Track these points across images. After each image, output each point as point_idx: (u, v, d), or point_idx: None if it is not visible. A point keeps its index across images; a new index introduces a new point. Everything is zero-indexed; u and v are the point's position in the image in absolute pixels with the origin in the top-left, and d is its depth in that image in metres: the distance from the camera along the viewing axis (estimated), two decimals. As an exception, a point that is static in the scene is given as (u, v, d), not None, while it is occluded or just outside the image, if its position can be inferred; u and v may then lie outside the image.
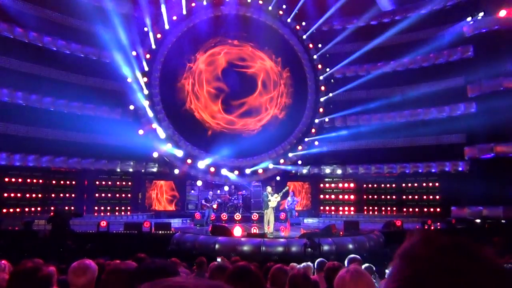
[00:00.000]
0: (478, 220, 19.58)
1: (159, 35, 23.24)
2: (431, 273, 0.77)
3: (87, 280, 2.91)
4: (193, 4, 24.03)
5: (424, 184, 23.88)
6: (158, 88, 23.03)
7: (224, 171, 23.13)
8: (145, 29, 23.05)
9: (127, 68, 22.45)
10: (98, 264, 4.26)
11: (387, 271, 6.64)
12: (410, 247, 0.84)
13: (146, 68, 22.87)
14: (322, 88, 25.20)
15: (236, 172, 23.34)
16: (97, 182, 22.83)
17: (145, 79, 22.70)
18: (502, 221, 18.82)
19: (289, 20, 25.50)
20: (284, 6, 25.42)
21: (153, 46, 23.16)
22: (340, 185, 25.68)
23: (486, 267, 0.77)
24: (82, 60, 21.66)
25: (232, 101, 24.11)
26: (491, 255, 0.79)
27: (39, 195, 20.70)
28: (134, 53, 22.67)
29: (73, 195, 22.01)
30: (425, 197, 23.73)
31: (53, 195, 21.24)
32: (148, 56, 22.93)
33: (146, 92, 22.68)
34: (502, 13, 20.60)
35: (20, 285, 2.51)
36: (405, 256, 0.83)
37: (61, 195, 21.57)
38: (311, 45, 25.51)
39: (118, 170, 22.61)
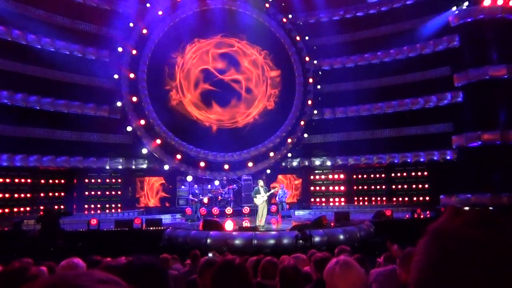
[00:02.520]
0: (466, 208, 19.83)
1: (145, 31, 23.01)
2: (458, 246, 0.77)
3: None
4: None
5: (413, 174, 24.10)
6: (146, 84, 22.85)
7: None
8: (131, 24, 22.82)
9: (114, 64, 22.28)
10: (93, 262, 4.24)
11: (378, 260, 6.70)
12: (439, 223, 0.84)
13: (133, 64, 22.66)
14: (310, 80, 25.22)
15: (227, 166, 23.32)
16: (86, 180, 22.67)
17: (132, 75, 22.52)
18: (490, 207, 19.09)
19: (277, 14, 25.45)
20: (270, -1, 25.34)
21: (139, 42, 22.93)
22: (330, 176, 25.82)
23: None
24: (67, 58, 21.38)
25: (218, 97, 24.03)
26: None
27: (28, 195, 20.49)
28: (120, 49, 22.46)
29: (62, 194, 21.84)
30: (414, 186, 23.96)
31: (42, 195, 21.05)
32: (134, 52, 22.72)
33: (133, 88, 22.51)
34: (487, 2, 20.75)
35: (8, 286, 2.49)
36: (434, 231, 0.83)
37: (50, 194, 21.38)
38: (298, 38, 25.47)
39: (107, 167, 22.47)
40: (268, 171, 24.37)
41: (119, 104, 22.22)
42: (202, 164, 23.04)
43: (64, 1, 21.57)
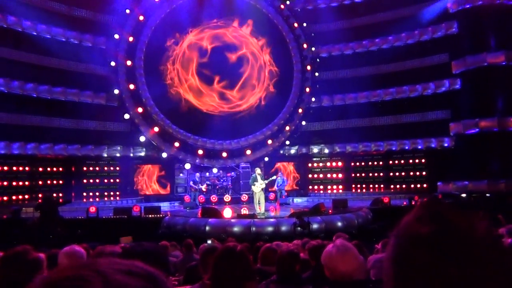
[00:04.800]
0: (463, 195, 19.96)
1: (141, 17, 22.78)
2: (407, 243, 0.78)
3: None
4: (176, -15, 23.54)
5: (411, 161, 24.17)
6: (143, 71, 22.72)
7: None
8: (127, 11, 22.58)
9: (110, 51, 22.13)
10: (85, 249, 4.26)
11: (376, 246, 6.76)
12: (405, 225, 0.85)
13: (130, 52, 22.50)
14: (308, 67, 25.11)
15: (225, 154, 23.34)
16: (85, 168, 22.67)
17: (129, 62, 22.36)
18: (487, 194, 19.21)
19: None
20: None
21: (136, 29, 22.73)
22: (328, 164, 25.88)
23: (461, 234, 0.76)
24: (63, 45, 21.21)
25: (217, 84, 23.96)
26: (469, 223, 0.78)
27: (26, 183, 20.49)
28: (116, 36, 22.27)
29: (60, 182, 21.84)
30: (411, 173, 24.04)
31: (40, 183, 21.05)
32: (131, 39, 22.51)
33: (130, 75, 22.39)
34: (486, -12, 20.60)
35: (10, 269, 2.51)
36: (397, 226, 0.85)
37: (49, 182, 21.38)
38: (295, 24, 25.29)
39: (105, 155, 22.45)
40: (266, 158, 24.42)
41: (116, 91, 22.12)
42: (200, 152, 23.04)
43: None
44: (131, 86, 22.24)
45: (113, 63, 22.10)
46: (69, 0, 21.71)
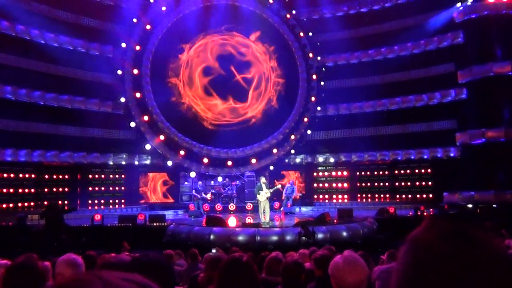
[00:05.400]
0: (470, 205, 19.80)
1: (148, 26, 23.00)
2: (430, 259, 0.78)
3: (74, 274, 2.90)
4: (182, -6, 23.76)
5: (417, 171, 24.04)
6: (149, 79, 22.87)
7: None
8: (134, 20, 22.82)
9: (117, 60, 22.32)
10: (90, 257, 4.28)
11: (382, 257, 6.71)
12: (416, 232, 0.85)
13: (136, 60, 22.68)
14: (314, 76, 25.17)
15: (230, 162, 23.36)
16: (90, 176, 22.74)
17: (136, 71, 22.53)
18: (493, 205, 19.05)
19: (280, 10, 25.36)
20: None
21: (143, 38, 22.92)
22: (334, 173, 25.79)
23: (486, 254, 0.77)
24: (71, 53, 21.42)
25: (221, 93, 24.05)
26: (491, 241, 0.79)
27: (32, 190, 20.58)
28: (123, 44, 22.48)
29: (66, 190, 21.92)
30: (417, 183, 23.90)
31: (46, 190, 21.14)
32: (138, 47, 22.72)
33: (137, 83, 22.54)
34: (492, -2, 20.63)
35: (16, 280, 2.51)
36: (411, 241, 0.84)
37: (54, 189, 21.47)
38: (301, 34, 25.41)
39: (111, 163, 22.53)
40: (271, 167, 24.38)
41: (122, 99, 22.26)
42: (205, 160, 23.08)
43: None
44: (137, 95, 22.38)
45: (119, 72, 22.28)
46: (77, 9, 21.97)
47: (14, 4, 19.45)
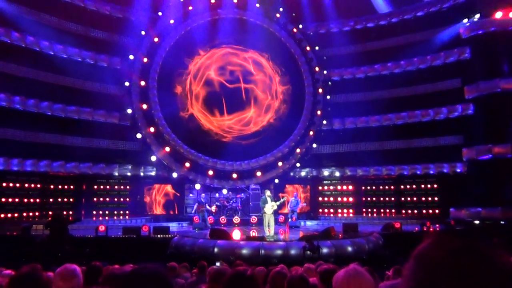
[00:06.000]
0: (477, 221, 19.60)
1: (156, 39, 23.26)
2: (443, 276, 0.77)
3: (71, 286, 2.89)
4: (190, 8, 24.04)
5: (423, 186, 23.90)
6: (156, 91, 23.03)
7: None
8: (142, 32, 23.09)
9: (125, 72, 22.53)
10: (94, 268, 4.26)
11: (387, 273, 6.64)
12: (424, 249, 0.84)
13: (144, 72, 22.88)
14: (320, 90, 25.23)
15: (235, 175, 23.34)
16: (95, 187, 22.80)
17: (143, 83, 22.72)
18: (501, 222, 18.84)
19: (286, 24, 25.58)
20: (281, 9, 25.46)
21: (151, 50, 23.16)
22: (339, 187, 25.69)
23: (497, 269, 0.76)
24: (79, 64, 21.66)
25: (228, 105, 24.16)
26: (502, 257, 0.78)
27: (37, 200, 20.65)
28: (131, 56, 22.72)
29: (71, 200, 22.00)
30: (423, 198, 23.75)
31: (51, 200, 21.21)
32: (145, 59, 22.94)
33: (143, 95, 22.71)
34: (498, 14, 20.69)
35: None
36: (419, 258, 0.83)
37: (59, 200, 21.54)
38: (308, 48, 25.56)
39: (116, 174, 22.59)
40: (276, 180, 24.34)
41: (129, 111, 22.41)
42: (210, 172, 23.09)
43: (77, 8, 21.89)
44: (144, 106, 22.53)
45: (127, 83, 22.48)
46: (86, 21, 22.28)
47: (24, 16, 19.78)
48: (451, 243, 0.82)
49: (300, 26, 25.85)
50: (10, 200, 19.57)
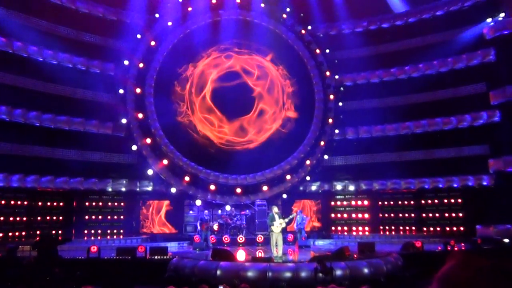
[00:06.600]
0: (506, 240, 19.40)
1: (153, 42, 23.46)
2: None
3: None
4: (190, 9, 24.25)
5: (446, 201, 23.75)
6: (153, 99, 23.15)
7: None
8: (138, 36, 23.29)
9: (119, 78, 22.68)
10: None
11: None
12: (449, 270, 0.84)
13: (139, 78, 23.03)
14: (331, 96, 25.27)
15: (239, 190, 23.31)
16: (87, 203, 22.83)
17: (138, 90, 22.86)
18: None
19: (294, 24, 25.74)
20: (288, 9, 25.65)
21: (147, 55, 23.33)
22: (353, 202, 25.58)
23: None
24: (70, 71, 21.84)
25: (231, 114, 24.24)
26: None
27: (24, 218, 20.68)
28: (126, 62, 22.90)
29: (60, 218, 22.02)
30: (447, 214, 23.58)
31: (39, 218, 21.24)
32: (141, 65, 23.12)
33: (139, 104, 22.83)
34: (525, 13, 20.74)
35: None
36: (444, 280, 0.83)
37: (48, 218, 21.57)
38: (318, 51, 25.66)
39: (110, 189, 22.63)
40: (285, 195, 24.27)
41: (124, 121, 22.53)
42: (212, 187, 23.08)
43: (68, 11, 22.15)
44: (140, 115, 22.65)
45: (121, 91, 22.62)
46: (78, 24, 22.52)
47: (12, 20, 20.02)
48: (478, 264, 0.82)
49: (309, 27, 26.00)
50: (-6, 218, 19.64)
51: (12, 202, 20.43)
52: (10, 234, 19.89)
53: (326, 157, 24.99)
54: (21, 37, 20.26)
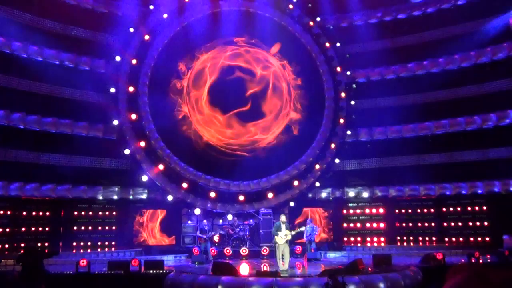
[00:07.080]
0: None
1: (147, 37, 23.47)
2: None
3: None
4: (187, 0, 24.27)
5: (469, 208, 23.66)
6: (147, 99, 23.16)
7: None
8: (131, 29, 23.32)
9: (110, 76, 22.70)
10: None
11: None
12: (463, 284, 0.82)
13: (132, 76, 23.04)
14: (342, 94, 25.24)
15: (242, 197, 23.28)
16: (76, 213, 22.83)
17: (131, 88, 22.88)
18: None
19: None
20: (294, 0, 25.64)
21: (140, 50, 23.35)
22: (367, 210, 25.52)
23: None
24: (57, 68, 21.89)
25: (234, 114, 24.24)
26: None
27: (7, 230, 20.69)
28: (118, 58, 22.91)
29: (47, 229, 22.01)
30: (470, 224, 23.49)
31: (23, 229, 21.24)
32: (134, 61, 23.13)
33: (132, 103, 22.84)
34: (556, 1, 20.67)
35: None
36: None
37: (33, 229, 21.57)
38: (327, 44, 25.63)
39: (101, 197, 22.65)
40: (292, 203, 24.22)
41: (115, 122, 22.53)
42: (212, 194, 23.06)
43: (55, 3, 22.21)
44: (133, 116, 22.64)
45: (113, 89, 22.63)
46: (65, 18, 22.57)
47: (-7, 13, 20.10)
48: (493, 276, 0.81)
49: (318, 19, 26.00)
50: (-25, 230, 19.69)
51: (-6, 212, 20.49)
52: (-8, 246, 19.94)
53: (337, 161, 24.93)
54: (3, 31, 20.33)
